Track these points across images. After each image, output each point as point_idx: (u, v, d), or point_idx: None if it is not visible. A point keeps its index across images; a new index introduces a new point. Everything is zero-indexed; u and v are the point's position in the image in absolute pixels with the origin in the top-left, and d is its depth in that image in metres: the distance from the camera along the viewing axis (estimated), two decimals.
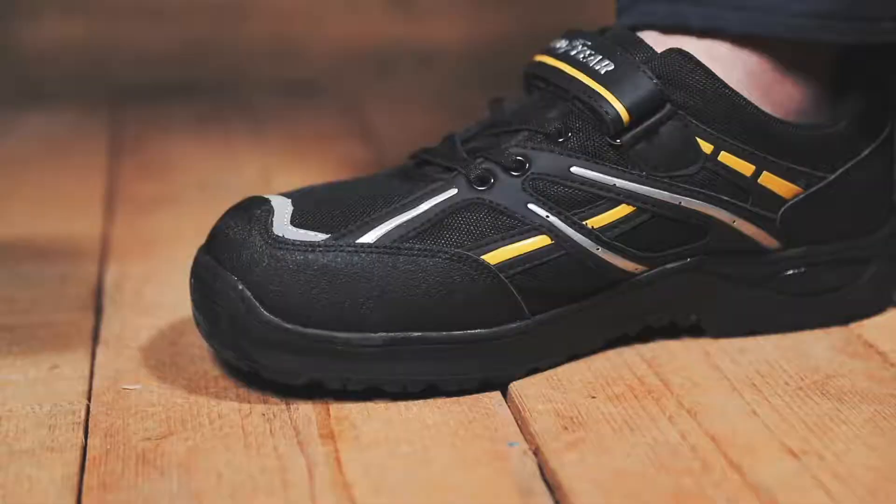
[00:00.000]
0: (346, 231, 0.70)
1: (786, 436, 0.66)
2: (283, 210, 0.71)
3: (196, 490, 0.62)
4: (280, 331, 0.69)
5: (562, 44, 0.76)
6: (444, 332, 0.70)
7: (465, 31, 1.49)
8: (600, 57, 0.73)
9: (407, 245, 0.70)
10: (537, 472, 0.64)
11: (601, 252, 0.72)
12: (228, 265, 0.70)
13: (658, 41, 0.75)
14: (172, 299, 0.84)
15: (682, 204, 0.73)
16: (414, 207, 0.71)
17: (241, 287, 0.69)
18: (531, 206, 0.71)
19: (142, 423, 0.68)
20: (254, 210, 0.71)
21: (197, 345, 0.76)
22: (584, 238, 0.72)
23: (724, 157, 0.73)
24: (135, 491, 0.62)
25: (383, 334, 0.69)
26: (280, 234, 0.70)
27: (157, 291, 0.85)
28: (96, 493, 0.62)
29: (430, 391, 0.70)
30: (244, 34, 1.45)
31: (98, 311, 0.83)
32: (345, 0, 1.47)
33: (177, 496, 0.62)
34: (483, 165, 0.72)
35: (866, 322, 0.79)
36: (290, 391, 0.70)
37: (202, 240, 0.73)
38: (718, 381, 0.72)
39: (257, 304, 0.69)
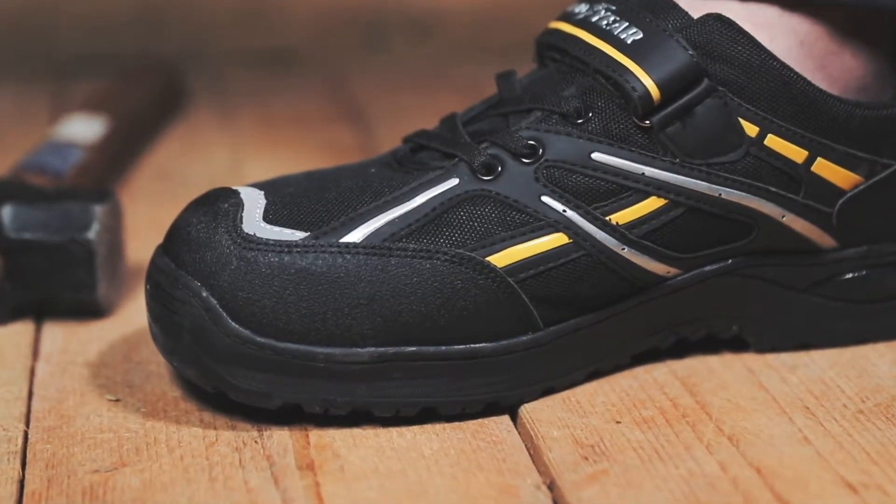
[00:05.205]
0: (328, 229, 0.70)
1: (843, 467, 0.66)
2: (254, 204, 0.71)
3: None
4: (251, 345, 0.69)
5: (581, 8, 0.76)
6: (444, 347, 0.70)
7: None
8: (626, 24, 0.73)
9: (399, 245, 0.70)
10: None
11: (627, 252, 0.72)
12: (191, 268, 0.70)
13: (694, 5, 0.74)
14: (125, 307, 0.84)
15: (723, 196, 0.73)
16: (407, 201, 0.71)
17: (205, 294, 0.69)
18: (545, 199, 0.71)
19: (89, 453, 0.68)
20: (220, 204, 0.71)
21: (154, 361, 0.76)
22: (607, 236, 0.72)
23: (772, 142, 0.73)
24: None
25: (372, 349, 0.69)
26: (251, 233, 0.70)
27: None
28: None
29: (427, 415, 0.70)
30: None
31: (38, 320, 0.83)
32: None
33: None
34: (489, 151, 0.72)
35: None
36: (262, 415, 0.70)
37: (160, 238, 0.73)
38: (764, 402, 0.72)
39: (224, 314, 0.69)
